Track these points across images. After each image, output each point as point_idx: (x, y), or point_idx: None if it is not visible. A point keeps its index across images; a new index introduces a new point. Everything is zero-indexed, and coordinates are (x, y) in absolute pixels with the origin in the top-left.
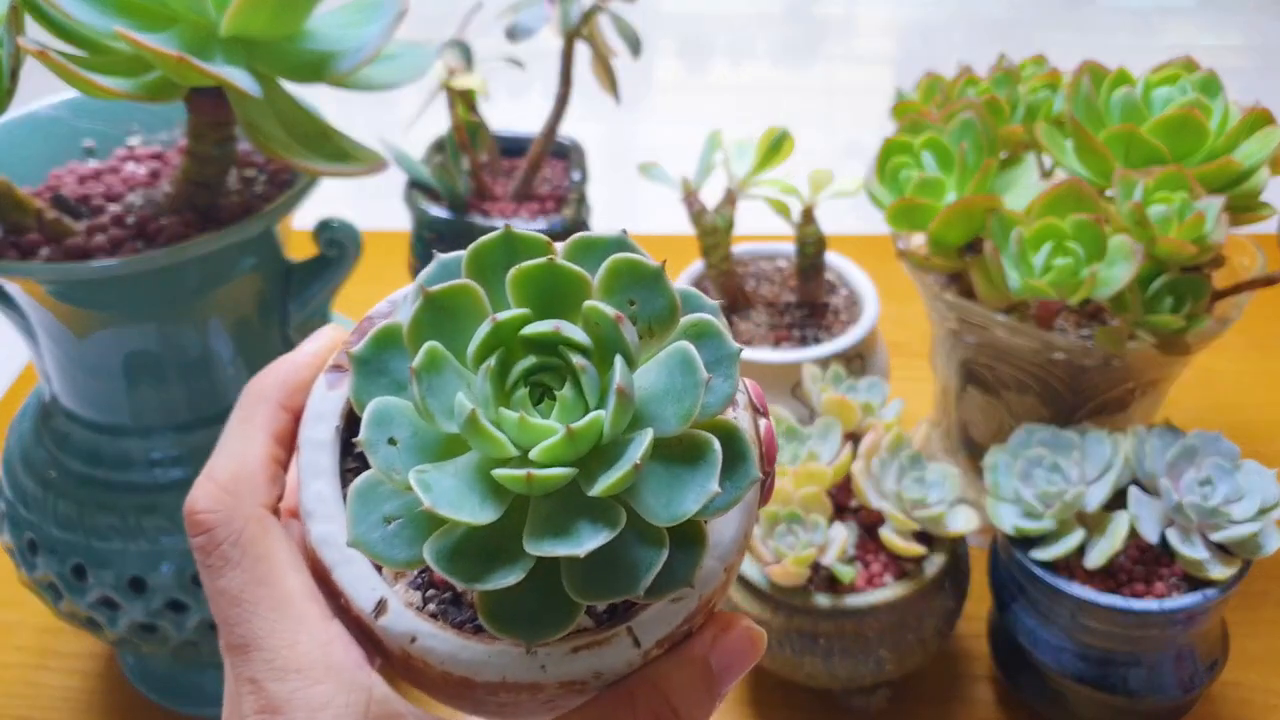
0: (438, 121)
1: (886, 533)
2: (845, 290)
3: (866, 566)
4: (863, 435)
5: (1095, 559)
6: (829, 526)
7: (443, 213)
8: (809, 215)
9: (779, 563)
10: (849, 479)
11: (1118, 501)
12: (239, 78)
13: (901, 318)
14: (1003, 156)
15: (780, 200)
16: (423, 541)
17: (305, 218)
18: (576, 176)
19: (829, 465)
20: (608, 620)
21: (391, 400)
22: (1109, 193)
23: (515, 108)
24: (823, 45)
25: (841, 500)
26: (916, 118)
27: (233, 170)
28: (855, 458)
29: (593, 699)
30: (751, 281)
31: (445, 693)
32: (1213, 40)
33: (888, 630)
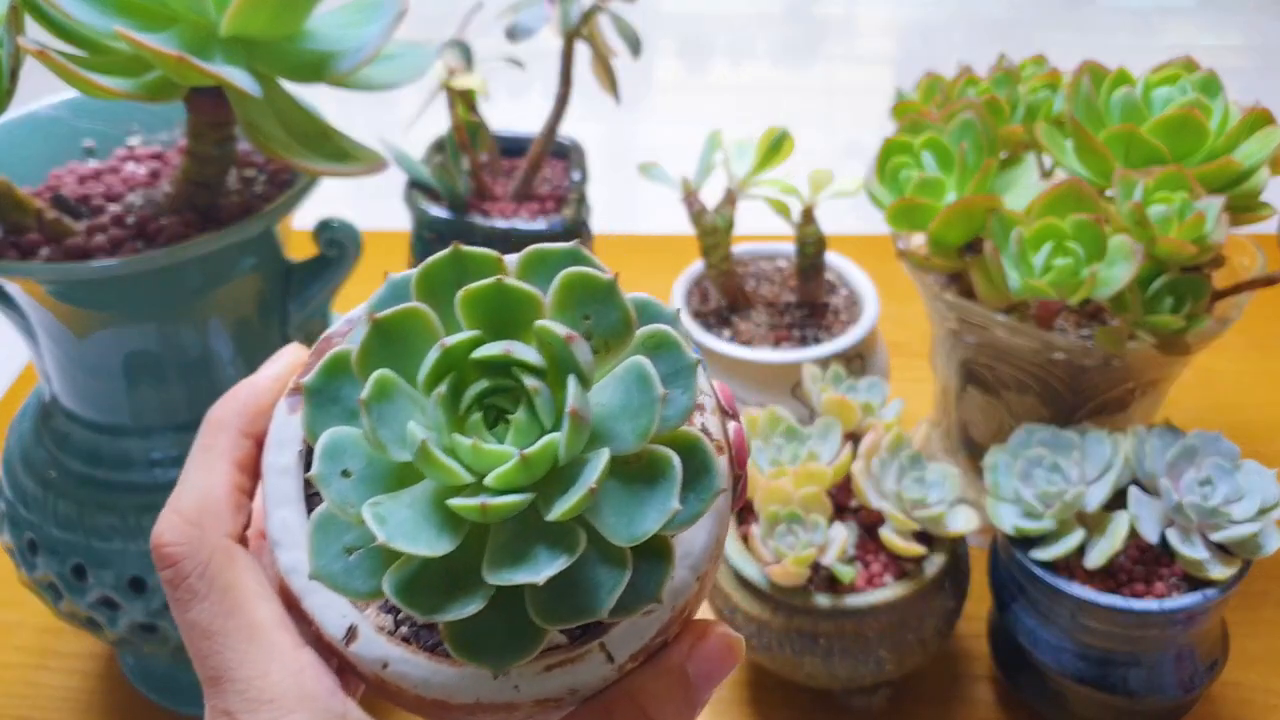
0: (438, 121)
1: (886, 533)
2: (845, 290)
3: (866, 566)
4: (863, 435)
5: (1095, 559)
6: (829, 526)
7: (443, 213)
8: (809, 215)
9: (779, 563)
10: (849, 479)
11: (1118, 501)
12: (239, 77)
13: (901, 318)
14: (1003, 156)
15: (780, 200)
16: (384, 572)
17: (305, 218)
18: (577, 176)
19: (829, 465)
20: (581, 637)
21: (344, 431)
22: (1109, 193)
23: (515, 108)
24: (823, 45)
25: (841, 500)
26: (916, 118)
27: (233, 170)
28: (855, 458)
29: (569, 715)
30: (751, 281)
31: (424, 714)
32: (1213, 40)
33: (888, 630)
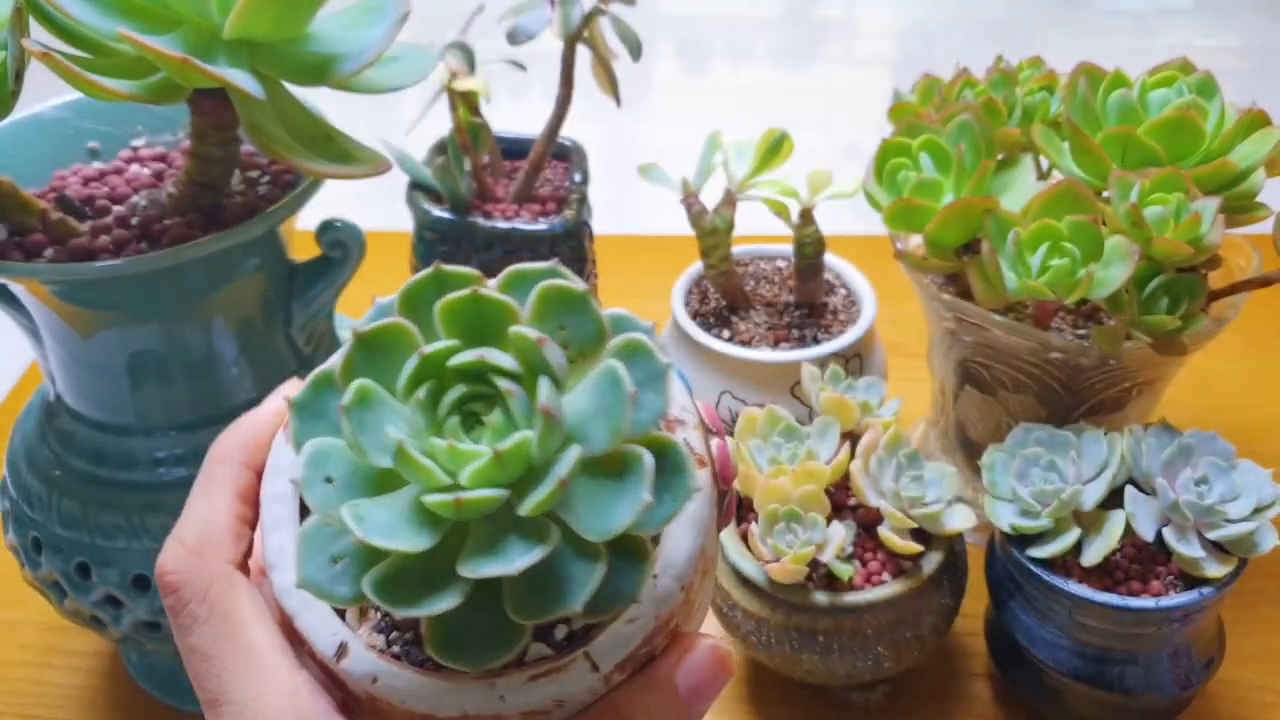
0: (439, 123)
1: (884, 531)
2: (843, 291)
3: (865, 564)
4: (861, 434)
5: (1091, 557)
6: (827, 525)
7: (444, 214)
8: (808, 216)
9: (778, 560)
10: (847, 477)
11: (1114, 500)
12: (242, 79)
13: (899, 318)
14: (1000, 158)
15: (779, 201)
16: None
17: (308, 218)
18: (578, 178)
19: (827, 464)
20: (565, 648)
21: (328, 440)
22: (1105, 194)
23: (517, 109)
24: (821, 47)
25: (840, 499)
26: (914, 119)
27: (236, 171)
28: (853, 457)
29: None
30: (751, 282)
31: None
32: (1209, 42)
33: (886, 627)
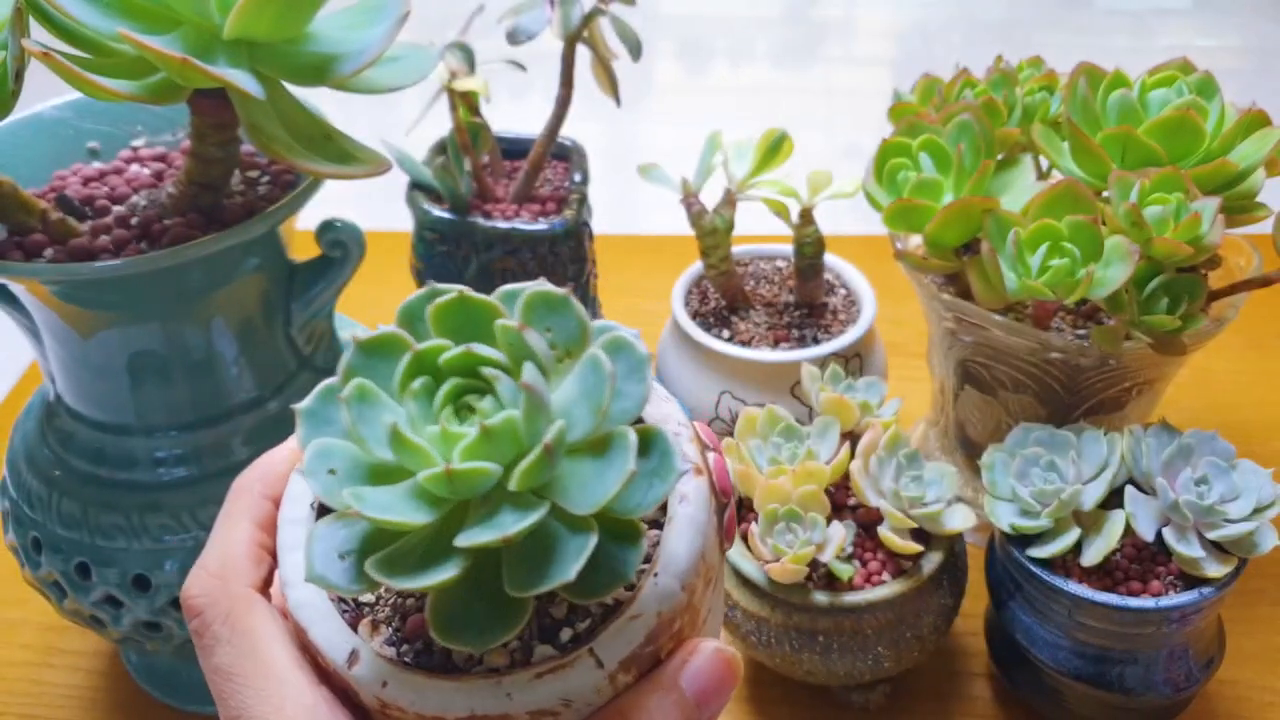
0: (440, 123)
1: (884, 531)
2: (843, 291)
3: (864, 564)
4: (861, 434)
5: (1091, 557)
6: (827, 524)
7: (444, 214)
8: (807, 216)
9: (778, 560)
10: (847, 477)
11: (1114, 500)
12: (242, 80)
13: (899, 318)
14: (1000, 158)
15: (779, 201)
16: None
17: (308, 218)
18: (578, 178)
19: (827, 464)
20: (571, 648)
21: (333, 439)
22: (1105, 194)
23: (516, 110)
24: (821, 48)
25: (840, 499)
26: (914, 119)
27: (236, 171)
28: (853, 456)
29: None
30: (751, 282)
31: None
32: (1209, 42)
33: (886, 627)
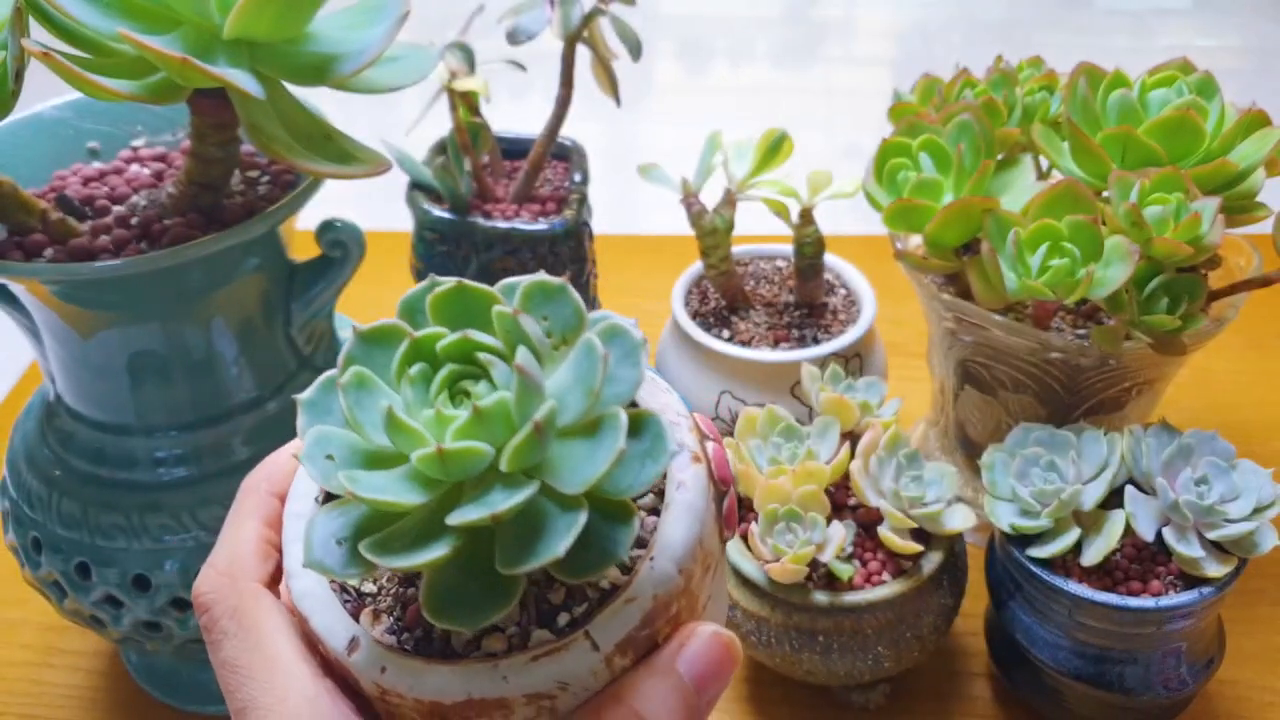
0: (439, 123)
1: (884, 531)
2: (843, 290)
3: (864, 564)
4: (861, 434)
5: (1091, 557)
6: (827, 524)
7: (444, 214)
8: (807, 216)
9: (778, 560)
10: (847, 477)
11: (1114, 500)
12: (242, 79)
13: (899, 318)
14: (1000, 158)
15: (779, 201)
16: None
17: (308, 218)
18: (578, 178)
19: (827, 464)
20: (568, 631)
21: (330, 427)
22: (1105, 194)
23: (516, 109)
24: (821, 48)
25: (840, 499)
26: (914, 119)
27: (236, 171)
28: (853, 456)
29: None
30: (751, 282)
31: None
32: (1209, 42)
33: (886, 627)
